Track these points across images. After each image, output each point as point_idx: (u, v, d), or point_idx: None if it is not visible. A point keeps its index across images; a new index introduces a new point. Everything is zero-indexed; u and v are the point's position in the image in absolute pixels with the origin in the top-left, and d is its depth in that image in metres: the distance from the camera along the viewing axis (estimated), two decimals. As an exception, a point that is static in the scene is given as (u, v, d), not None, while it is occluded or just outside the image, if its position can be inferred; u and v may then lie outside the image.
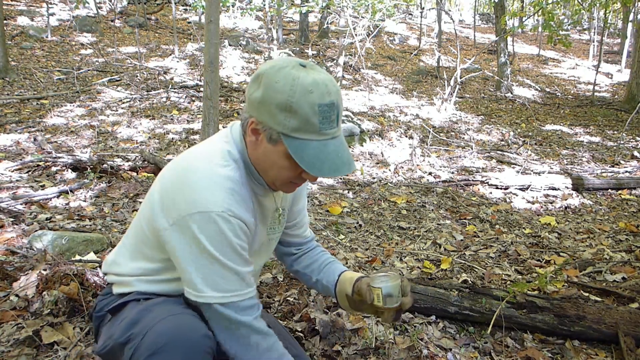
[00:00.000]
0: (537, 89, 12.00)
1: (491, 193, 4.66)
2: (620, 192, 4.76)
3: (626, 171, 5.64)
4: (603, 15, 14.95)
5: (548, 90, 12.09)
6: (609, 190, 4.83)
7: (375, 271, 2.60)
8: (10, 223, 2.74)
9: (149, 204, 1.13)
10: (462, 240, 3.35)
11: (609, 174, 5.40)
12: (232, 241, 1.06)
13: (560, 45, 7.65)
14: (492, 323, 1.98)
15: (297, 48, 12.25)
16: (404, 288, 1.24)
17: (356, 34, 8.64)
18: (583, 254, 3.09)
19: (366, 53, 11.81)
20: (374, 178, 5.01)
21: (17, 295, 1.81)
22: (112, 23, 12.60)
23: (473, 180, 4.90)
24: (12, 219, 2.80)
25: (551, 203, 4.46)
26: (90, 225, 2.94)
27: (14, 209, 2.93)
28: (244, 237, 1.10)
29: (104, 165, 3.94)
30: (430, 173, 5.29)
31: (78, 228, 2.83)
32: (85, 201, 3.38)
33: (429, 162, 5.75)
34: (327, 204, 3.93)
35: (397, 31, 17.66)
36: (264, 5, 10.03)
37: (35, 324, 1.67)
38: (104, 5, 14.06)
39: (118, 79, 8.01)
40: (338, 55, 9.61)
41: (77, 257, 2.31)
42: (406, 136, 6.76)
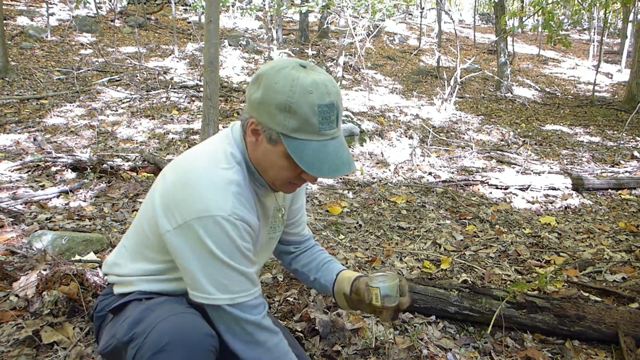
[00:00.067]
0: (537, 89, 12.00)
1: (491, 193, 4.66)
2: (620, 192, 4.76)
3: (626, 171, 5.64)
4: (603, 15, 14.95)
5: (548, 90, 12.09)
6: (609, 190, 4.83)
7: (374, 271, 2.60)
8: (10, 223, 2.74)
9: (150, 206, 1.12)
10: (462, 240, 3.35)
11: (609, 174, 5.40)
12: (238, 244, 1.07)
13: (560, 45, 7.65)
14: (492, 323, 1.98)
15: (297, 48, 12.24)
16: (402, 288, 1.26)
17: (356, 34, 8.64)
18: (583, 254, 3.09)
19: (366, 53, 11.81)
20: (374, 178, 5.01)
21: (17, 295, 1.81)
22: (112, 23, 12.60)
23: (473, 180, 4.90)
24: (12, 219, 2.80)
25: (551, 203, 4.46)
26: (90, 225, 2.94)
27: (14, 209, 2.93)
28: (249, 239, 1.11)
29: (104, 165, 3.94)
30: (430, 173, 5.29)
31: (78, 228, 2.82)
32: (85, 201, 3.38)
33: (429, 162, 5.75)
34: (327, 204, 3.93)
35: (397, 31, 17.66)
36: (264, 5, 10.02)
37: (35, 324, 1.67)
38: (104, 5, 14.06)
39: (118, 79, 8.01)
40: (338, 55, 9.61)
41: (77, 257, 2.31)
42: (406, 136, 6.76)
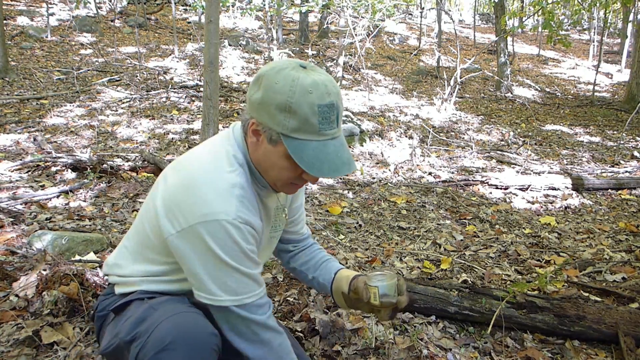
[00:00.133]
0: (537, 89, 12.00)
1: (491, 193, 4.66)
2: (620, 192, 4.76)
3: (626, 171, 5.64)
4: (603, 15, 14.95)
5: (548, 90, 12.09)
6: (609, 190, 4.83)
7: (372, 270, 2.60)
8: (10, 223, 2.74)
9: (152, 208, 1.12)
10: (462, 240, 3.35)
11: (609, 174, 5.40)
12: (243, 247, 1.07)
13: (560, 45, 7.65)
14: (492, 323, 1.98)
15: (297, 48, 12.24)
16: (400, 287, 1.27)
17: (356, 34, 8.63)
18: (583, 254, 3.09)
19: (366, 53, 11.81)
20: (374, 178, 5.01)
21: (17, 295, 1.81)
22: (112, 23, 12.60)
23: (473, 180, 4.90)
24: (12, 219, 2.80)
25: (551, 203, 4.46)
26: (90, 225, 2.93)
27: (14, 209, 2.93)
28: (253, 242, 1.11)
29: (104, 165, 3.94)
30: (430, 173, 5.29)
31: (78, 228, 2.82)
32: (85, 201, 3.38)
33: (429, 162, 5.75)
34: (327, 204, 3.93)
35: (397, 31, 17.66)
36: (264, 5, 10.02)
37: (35, 324, 1.67)
38: (104, 5, 14.05)
39: (118, 79, 8.01)
40: (338, 55, 9.61)
41: (77, 257, 2.31)
42: (406, 136, 6.76)
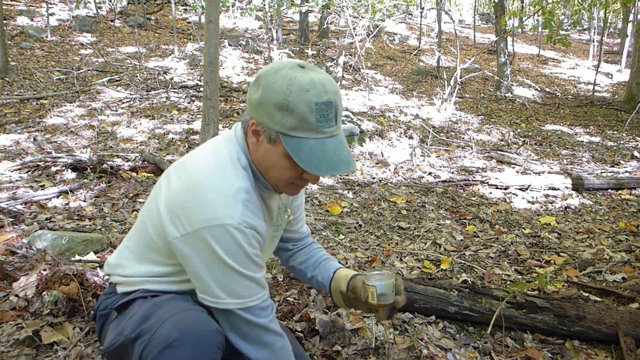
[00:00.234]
0: (537, 89, 11.99)
1: (491, 193, 4.66)
2: (620, 192, 4.76)
3: (626, 171, 5.63)
4: (603, 15, 14.95)
5: (548, 90, 12.08)
6: (609, 190, 4.83)
7: (371, 270, 2.60)
8: (10, 223, 2.74)
9: (156, 211, 1.12)
10: (462, 240, 3.35)
11: (609, 174, 5.40)
12: (248, 251, 1.07)
13: (560, 45, 7.65)
14: (492, 323, 1.98)
15: (297, 48, 12.24)
16: (398, 287, 1.28)
17: (356, 34, 8.63)
18: (583, 254, 3.09)
19: (366, 53, 11.81)
20: (374, 178, 5.01)
21: (17, 295, 1.81)
22: (112, 23, 12.59)
23: (473, 180, 4.90)
24: (12, 219, 2.80)
25: (551, 203, 4.46)
26: (90, 225, 2.93)
27: (14, 209, 2.93)
28: (257, 246, 1.11)
29: (104, 165, 3.94)
30: (430, 173, 5.29)
31: (78, 228, 2.82)
32: (85, 201, 3.38)
33: (429, 162, 5.75)
34: (327, 204, 3.93)
35: (397, 31, 17.65)
36: (264, 5, 10.02)
37: (35, 324, 1.67)
38: (104, 5, 14.05)
39: (118, 79, 8.01)
40: (338, 55, 9.61)
41: (77, 257, 2.31)
42: (406, 136, 6.76)
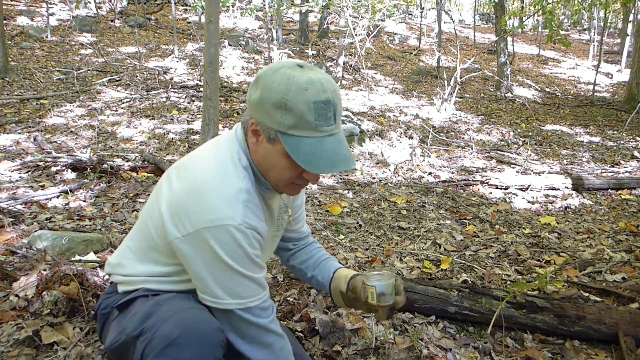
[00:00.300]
0: (537, 89, 11.99)
1: (491, 193, 4.66)
2: (620, 192, 4.76)
3: (626, 171, 5.63)
4: (603, 15, 14.95)
5: (548, 90, 12.08)
6: (609, 190, 4.83)
7: (371, 270, 2.60)
8: (10, 223, 2.74)
9: (157, 211, 1.12)
10: (462, 240, 3.35)
11: (609, 174, 5.40)
12: (249, 252, 1.07)
13: (560, 45, 7.65)
14: (492, 323, 1.98)
15: (297, 48, 12.24)
16: (398, 287, 1.28)
17: (356, 34, 8.63)
18: (583, 254, 3.09)
19: (366, 53, 11.80)
20: (374, 178, 5.01)
21: (17, 295, 1.80)
22: (112, 23, 12.59)
23: (473, 180, 4.90)
24: (12, 219, 2.80)
25: (551, 203, 4.46)
26: (90, 225, 2.93)
27: (14, 209, 2.93)
28: (258, 246, 1.12)
29: (104, 165, 3.94)
30: (430, 173, 5.29)
31: (78, 228, 2.82)
32: (85, 201, 3.38)
33: (429, 162, 5.75)
34: (327, 204, 3.93)
35: (397, 31, 17.65)
36: (264, 5, 10.02)
37: (35, 324, 1.67)
38: (104, 5, 14.05)
39: (118, 79, 8.01)
40: (338, 55, 9.61)
41: (77, 257, 2.31)
42: (406, 136, 6.76)
